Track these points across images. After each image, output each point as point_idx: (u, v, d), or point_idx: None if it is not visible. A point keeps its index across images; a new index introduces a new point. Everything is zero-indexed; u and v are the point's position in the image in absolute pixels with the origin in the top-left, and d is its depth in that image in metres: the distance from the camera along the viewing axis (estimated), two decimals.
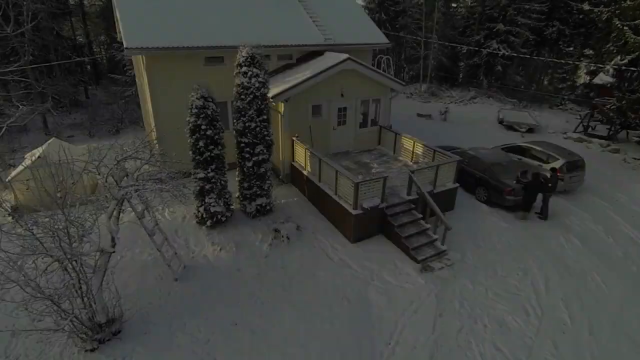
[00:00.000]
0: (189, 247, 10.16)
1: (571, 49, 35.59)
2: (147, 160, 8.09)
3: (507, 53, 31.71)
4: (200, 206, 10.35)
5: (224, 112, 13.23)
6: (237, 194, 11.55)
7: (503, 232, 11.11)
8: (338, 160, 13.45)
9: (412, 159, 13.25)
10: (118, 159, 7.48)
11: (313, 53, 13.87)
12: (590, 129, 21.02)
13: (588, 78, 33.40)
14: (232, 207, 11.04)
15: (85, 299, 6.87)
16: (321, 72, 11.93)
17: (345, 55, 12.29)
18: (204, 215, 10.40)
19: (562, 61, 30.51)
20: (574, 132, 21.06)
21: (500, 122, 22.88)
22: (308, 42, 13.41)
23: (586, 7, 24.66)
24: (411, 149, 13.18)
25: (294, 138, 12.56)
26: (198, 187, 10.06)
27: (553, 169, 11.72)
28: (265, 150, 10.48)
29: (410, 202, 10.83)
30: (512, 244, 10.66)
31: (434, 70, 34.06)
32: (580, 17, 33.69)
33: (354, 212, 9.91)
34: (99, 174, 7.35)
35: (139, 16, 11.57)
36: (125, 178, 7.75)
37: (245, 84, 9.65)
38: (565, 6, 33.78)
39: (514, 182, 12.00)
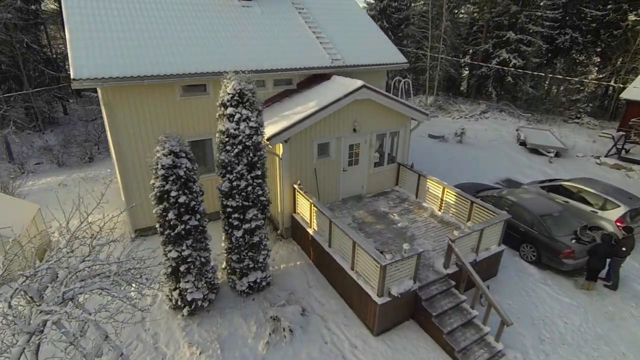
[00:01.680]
0: (158, 348, 7.56)
1: (583, 57, 33.61)
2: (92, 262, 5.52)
3: (518, 63, 29.59)
4: (174, 289, 7.78)
5: (208, 150, 10.70)
6: (223, 265, 9.00)
7: (567, 312, 8.63)
8: (349, 208, 10.97)
9: (440, 208, 10.77)
10: (27, 273, 4.85)
11: (317, 76, 11.38)
12: (624, 151, 18.72)
13: (610, 90, 31.24)
14: (217, 283, 8.49)
15: None
16: (330, 105, 9.44)
17: (359, 82, 9.81)
18: (179, 302, 7.83)
19: (595, 81, 28.36)
20: (607, 155, 18.74)
21: (522, 143, 20.52)
22: (312, 64, 10.90)
23: (632, 17, 22.42)
24: (440, 195, 10.69)
25: (295, 186, 10.03)
26: (170, 268, 7.48)
27: (627, 229, 9.26)
28: (259, 215, 7.93)
29: (449, 278, 8.34)
30: (584, 331, 8.18)
31: (440, 81, 31.78)
32: (593, 25, 31.80)
33: (379, 300, 7.39)
34: None
35: (95, 37, 8.96)
36: (49, 289, 5.16)
37: (232, 130, 7.10)
38: (578, 13, 31.79)
39: (572, 239, 9.57)
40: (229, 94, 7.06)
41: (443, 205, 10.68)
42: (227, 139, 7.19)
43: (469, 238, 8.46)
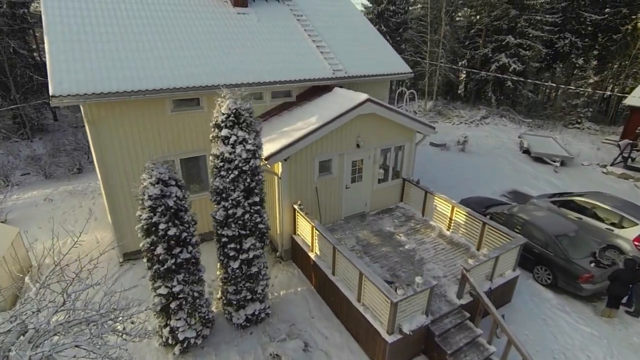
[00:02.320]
0: None
1: (581, 60, 33.29)
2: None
3: (517, 68, 29.17)
4: (164, 326, 7.09)
5: (202, 167, 10.02)
6: (218, 294, 8.33)
7: (588, 344, 8.04)
8: (352, 228, 10.34)
9: (448, 227, 10.17)
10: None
11: (318, 87, 10.74)
12: (630, 160, 18.27)
13: (608, 94, 30.94)
14: (211, 316, 7.80)
15: None
16: (332, 120, 8.80)
17: (363, 96, 9.19)
18: (170, 340, 7.14)
19: (602, 92, 28.02)
20: (613, 164, 18.28)
21: (525, 151, 20.02)
22: (312, 75, 10.25)
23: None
24: (448, 214, 10.08)
25: (295, 206, 9.38)
26: (159, 305, 6.79)
27: None
28: (257, 244, 7.27)
29: (463, 309, 7.72)
30: None
31: (440, 86, 31.29)
32: (590, 29, 31.50)
33: (389, 338, 6.74)
34: None
35: (77, 49, 8.23)
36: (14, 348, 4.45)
37: (227, 154, 6.44)
38: (578, 17, 31.47)
39: (591, 262, 9.01)
40: (223, 114, 6.40)
41: (452, 224, 10.08)
42: (221, 164, 6.52)
43: (484, 265, 7.85)
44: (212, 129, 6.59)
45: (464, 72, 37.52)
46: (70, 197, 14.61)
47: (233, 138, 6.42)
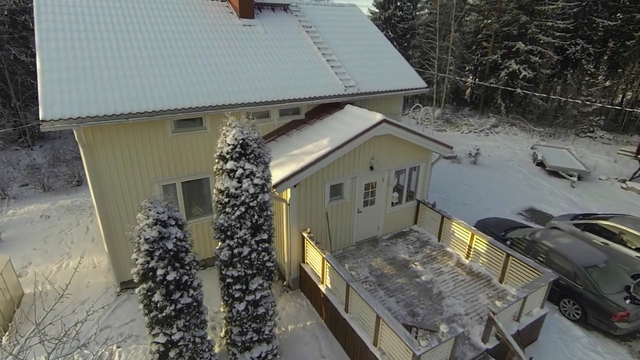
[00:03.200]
0: None
1: (593, 67, 32.49)
2: None
3: (528, 75, 28.47)
4: None
5: (206, 189, 9.41)
6: (222, 333, 7.70)
7: None
8: (364, 255, 9.69)
9: (467, 255, 9.50)
10: None
11: (329, 104, 10.11)
12: None
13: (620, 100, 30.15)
14: None
15: None
16: (345, 144, 8.18)
17: (378, 116, 8.56)
18: None
19: (612, 106, 27.19)
20: (632, 179, 17.52)
21: (539, 163, 19.31)
22: (322, 93, 9.62)
23: None
24: (467, 242, 9.42)
25: (305, 234, 8.75)
26: (157, 354, 6.16)
27: None
28: (265, 284, 6.63)
29: (489, 353, 7.04)
30: None
31: (449, 94, 30.62)
32: (600, 34, 30.75)
33: None
34: None
35: (72, 68, 7.64)
36: None
37: (233, 190, 5.81)
38: (590, 23, 30.73)
39: (626, 298, 8.30)
40: (229, 144, 5.78)
41: (471, 252, 9.41)
42: (226, 200, 5.90)
43: (512, 307, 7.18)
44: (216, 161, 5.97)
45: (471, 76, 36.91)
46: (67, 214, 14.04)
47: (239, 171, 5.80)
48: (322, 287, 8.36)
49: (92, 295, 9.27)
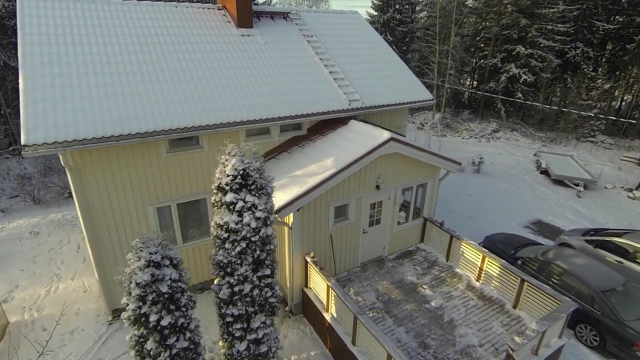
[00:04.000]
0: None
1: (591, 70, 32.25)
2: None
3: (528, 79, 28.16)
4: None
5: (203, 210, 8.90)
6: None
7: None
8: (370, 278, 9.24)
9: (478, 278, 9.06)
10: None
11: (332, 119, 9.63)
12: None
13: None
14: None
15: None
16: (351, 164, 7.70)
17: (385, 135, 8.09)
18: None
19: (610, 119, 27.02)
20: (639, 188, 17.18)
21: (543, 172, 18.95)
22: (325, 108, 9.14)
23: None
24: (478, 264, 8.98)
25: (308, 259, 8.26)
26: None
27: None
28: (268, 321, 6.14)
29: None
30: None
31: (449, 99, 30.23)
32: (598, 37, 30.49)
33: None
34: None
35: (57, 85, 7.07)
36: None
37: (232, 225, 5.31)
38: (590, 26, 30.47)
39: None
40: (228, 175, 5.28)
41: (482, 275, 8.97)
42: (226, 235, 5.40)
43: (532, 341, 6.73)
44: (215, 192, 5.47)
45: (469, 79, 36.58)
46: (58, 230, 13.45)
47: (240, 204, 5.31)
48: (327, 316, 7.88)
49: (82, 324, 8.73)
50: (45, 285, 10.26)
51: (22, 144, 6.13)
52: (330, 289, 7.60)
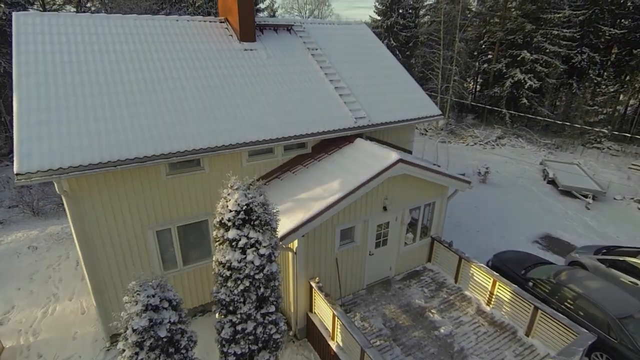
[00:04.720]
0: None
1: (597, 75, 31.85)
2: None
3: (534, 85, 27.80)
4: None
5: (205, 231, 8.61)
6: None
7: None
8: (376, 301, 8.97)
9: (488, 302, 8.75)
10: None
11: (337, 137, 9.33)
12: None
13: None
14: None
15: None
16: (358, 188, 7.41)
17: (393, 156, 7.80)
18: None
19: (616, 133, 26.61)
20: None
21: (550, 181, 18.61)
22: (331, 126, 8.85)
23: None
24: (489, 287, 8.67)
25: (313, 284, 7.97)
26: None
27: None
28: (272, 358, 5.85)
29: None
30: None
31: (453, 105, 29.87)
32: (611, 43, 30.12)
33: None
34: None
35: (53, 109, 6.79)
36: None
37: (235, 263, 5.03)
38: (596, 31, 30.10)
39: None
40: (230, 210, 5.00)
41: (493, 299, 8.66)
42: (228, 273, 5.11)
43: None
44: (216, 228, 5.18)
45: (472, 83, 36.19)
46: (56, 244, 13.19)
47: (243, 240, 5.02)
48: (333, 344, 7.58)
49: (79, 350, 8.46)
50: (42, 306, 9.99)
51: (15, 172, 5.86)
52: (336, 317, 7.30)
